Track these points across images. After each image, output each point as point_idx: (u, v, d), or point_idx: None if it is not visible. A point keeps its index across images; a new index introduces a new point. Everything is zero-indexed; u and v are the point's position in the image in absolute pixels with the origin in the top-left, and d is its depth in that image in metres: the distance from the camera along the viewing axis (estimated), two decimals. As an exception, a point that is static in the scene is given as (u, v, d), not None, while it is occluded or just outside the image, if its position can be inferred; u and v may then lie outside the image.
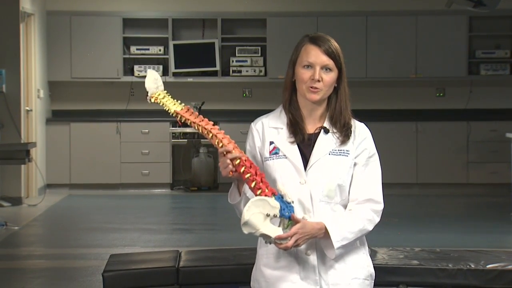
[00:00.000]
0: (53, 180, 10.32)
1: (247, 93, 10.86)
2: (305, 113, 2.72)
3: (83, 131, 10.36)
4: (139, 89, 10.78)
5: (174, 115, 2.65)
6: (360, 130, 2.74)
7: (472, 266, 3.76)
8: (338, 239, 2.63)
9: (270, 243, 2.57)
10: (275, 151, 2.71)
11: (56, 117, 10.61)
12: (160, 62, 10.66)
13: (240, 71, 10.61)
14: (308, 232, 2.58)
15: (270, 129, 2.75)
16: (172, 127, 10.38)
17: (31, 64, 9.84)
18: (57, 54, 10.47)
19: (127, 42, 10.64)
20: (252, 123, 2.81)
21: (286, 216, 2.54)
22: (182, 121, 2.64)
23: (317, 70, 2.66)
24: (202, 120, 2.62)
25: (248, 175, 2.53)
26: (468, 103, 10.79)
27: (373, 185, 2.71)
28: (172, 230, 7.98)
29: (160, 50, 10.58)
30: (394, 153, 10.05)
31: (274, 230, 2.53)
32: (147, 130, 10.42)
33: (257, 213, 2.50)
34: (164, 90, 2.72)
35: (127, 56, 10.59)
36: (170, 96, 2.70)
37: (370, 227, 2.70)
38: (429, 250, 4.16)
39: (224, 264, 3.87)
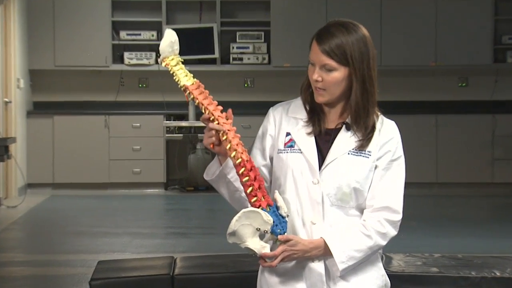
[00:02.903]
0: (35, 179, 10.34)
1: (249, 83, 10.87)
2: (326, 107, 2.72)
3: (68, 125, 10.37)
4: (130, 78, 10.79)
5: (182, 88, 2.64)
6: (387, 130, 2.71)
7: (497, 274, 3.77)
8: (343, 259, 2.63)
9: (254, 256, 2.58)
10: (290, 144, 2.71)
11: (38, 109, 10.62)
12: (152, 48, 10.66)
13: (241, 59, 10.61)
14: (299, 250, 2.59)
15: (289, 118, 2.75)
16: (166, 120, 10.39)
17: (10, 51, 9.85)
18: (39, 40, 10.48)
19: (116, 27, 10.65)
20: (270, 108, 2.80)
21: (277, 234, 2.54)
22: (190, 98, 2.62)
23: (316, 69, 2.65)
24: (211, 104, 2.60)
25: (246, 178, 2.53)
26: (493, 94, 10.79)
27: (392, 192, 2.69)
28: (167, 234, 8.00)
29: (152, 36, 10.59)
30: (411, 149, 10.01)
31: (261, 247, 2.54)
32: (138, 124, 10.43)
33: (247, 225, 2.51)
34: (180, 57, 2.70)
35: (116, 42, 10.60)
36: (183, 65, 2.68)
37: (383, 242, 2.68)
38: (450, 256, 4.17)
39: (223, 271, 3.87)
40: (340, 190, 2.67)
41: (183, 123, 10.35)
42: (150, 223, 8.55)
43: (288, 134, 2.73)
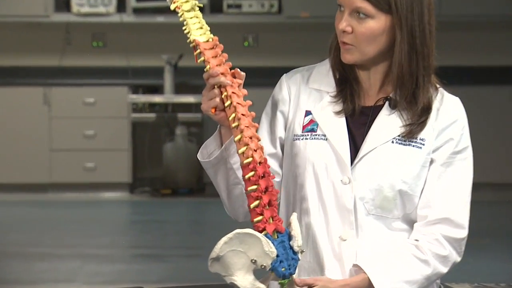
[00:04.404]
0: None
1: (250, 40, 10.88)
2: (362, 75, 2.74)
3: (-8, 101, 10.40)
4: (80, 34, 10.80)
5: (192, 45, 2.65)
6: (448, 109, 2.72)
7: None
8: None
9: None
10: (311, 127, 2.73)
11: (-51, 78, 10.66)
12: (113, -9, 10.67)
13: (239, 6, 10.61)
14: None
15: (311, 90, 2.77)
16: (133, 93, 10.40)
17: None
18: (-49, -21, 10.51)
19: (61, -40, 10.67)
20: (284, 76, 2.83)
21: (280, 274, 2.48)
22: (200, 60, 2.62)
23: (345, 15, 2.64)
24: (226, 73, 2.61)
25: (254, 187, 2.47)
26: None
27: (455, 198, 2.70)
28: (133, 256, 8.03)
29: (113, -27, 10.61)
30: (483, 136, 10.06)
31: (253, 287, 2.52)
32: (92, 99, 10.45)
33: (239, 252, 2.46)
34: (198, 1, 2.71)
35: (60, -18, 10.62)
36: (200, 13, 2.67)
37: (445, 269, 2.70)
38: (536, 287, 4.20)
39: (215, 308, 3.91)
40: (380, 193, 2.68)
41: (157, 98, 10.36)
42: (109, 240, 8.57)
43: (308, 113, 2.75)
